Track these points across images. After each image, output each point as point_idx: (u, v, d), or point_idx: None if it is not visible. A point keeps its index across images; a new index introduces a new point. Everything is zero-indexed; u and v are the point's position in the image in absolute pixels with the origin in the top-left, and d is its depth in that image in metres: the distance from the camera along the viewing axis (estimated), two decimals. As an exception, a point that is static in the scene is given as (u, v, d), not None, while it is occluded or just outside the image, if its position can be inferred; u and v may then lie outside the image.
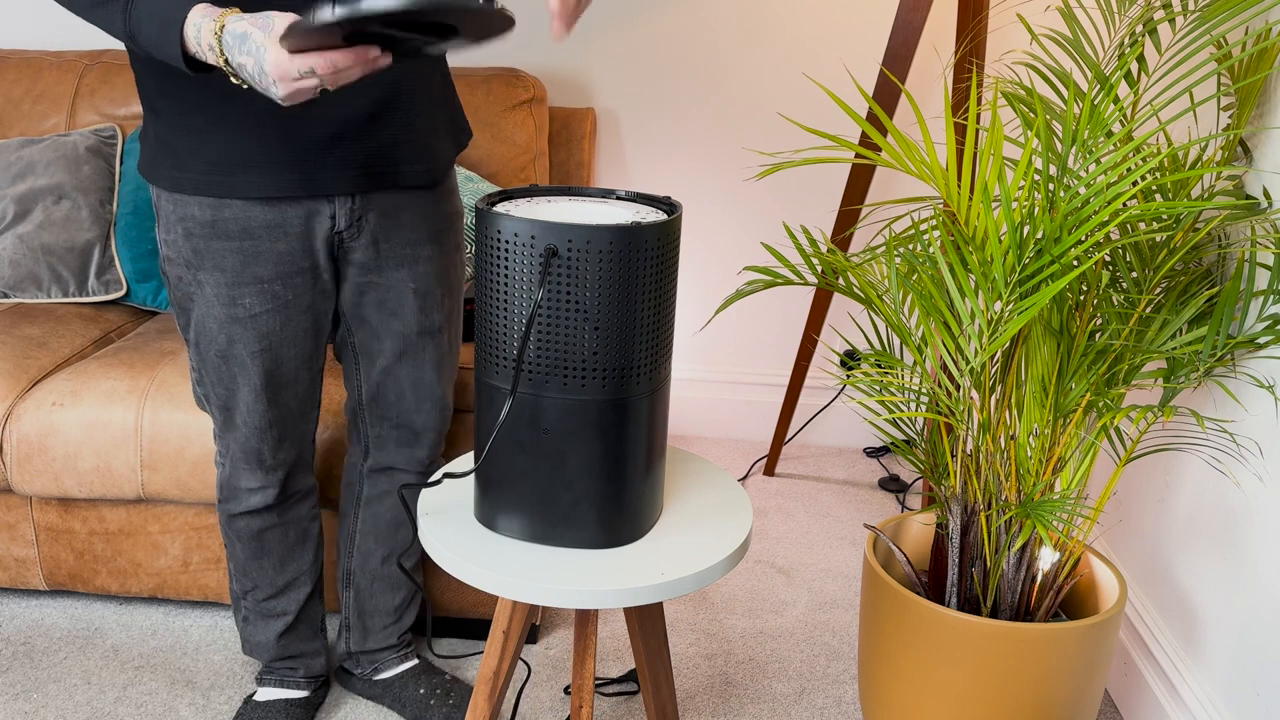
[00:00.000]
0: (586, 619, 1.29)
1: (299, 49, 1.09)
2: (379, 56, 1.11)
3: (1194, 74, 1.56)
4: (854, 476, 2.64)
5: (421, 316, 1.50)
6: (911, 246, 1.43)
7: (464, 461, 1.37)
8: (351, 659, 1.74)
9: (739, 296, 1.45)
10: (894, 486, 2.57)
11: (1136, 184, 1.27)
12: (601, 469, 1.14)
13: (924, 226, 1.76)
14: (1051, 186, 1.30)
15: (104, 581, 1.91)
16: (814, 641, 1.97)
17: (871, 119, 2.28)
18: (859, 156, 2.26)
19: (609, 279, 1.08)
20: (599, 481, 1.15)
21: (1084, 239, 1.25)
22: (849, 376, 1.52)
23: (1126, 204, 1.37)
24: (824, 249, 1.81)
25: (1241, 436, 1.50)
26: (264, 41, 1.11)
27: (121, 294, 2.21)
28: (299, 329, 1.44)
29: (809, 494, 2.54)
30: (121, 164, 2.25)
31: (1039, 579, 1.47)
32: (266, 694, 1.69)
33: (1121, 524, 1.90)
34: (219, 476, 1.56)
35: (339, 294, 1.49)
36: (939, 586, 1.52)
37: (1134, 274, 1.40)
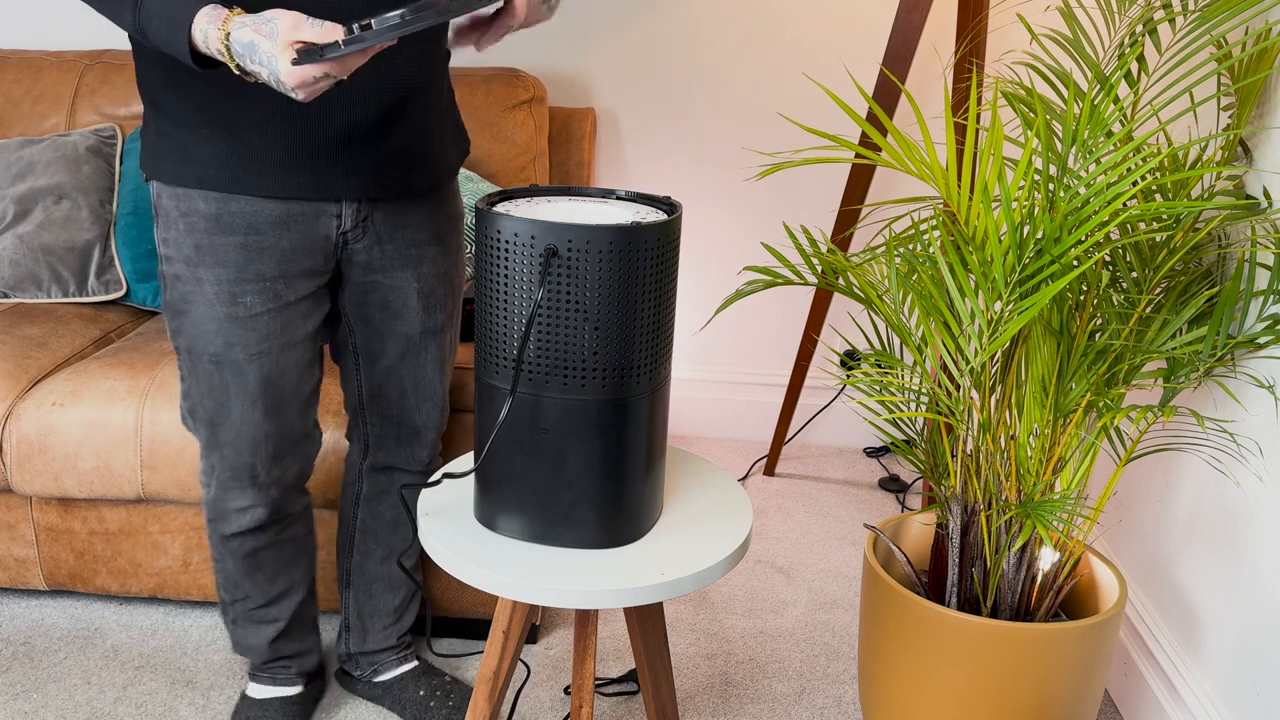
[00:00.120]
0: (586, 619, 1.29)
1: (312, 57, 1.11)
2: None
3: (1194, 74, 1.56)
4: (854, 476, 2.64)
5: (425, 316, 1.50)
6: (911, 246, 1.43)
7: (464, 461, 1.37)
8: (351, 660, 1.74)
9: (739, 296, 1.45)
10: (894, 486, 2.57)
11: (1136, 184, 1.27)
12: (601, 469, 1.14)
13: (924, 226, 1.76)
14: (1051, 186, 1.30)
15: (104, 581, 1.91)
16: (814, 641, 1.97)
17: (871, 119, 2.28)
18: (859, 156, 2.26)
19: (609, 279, 1.08)
20: (599, 481, 1.15)
21: (1084, 239, 1.25)
22: (849, 376, 1.52)
23: (1126, 204, 1.37)
24: (824, 249, 1.81)
25: (1241, 436, 1.50)
26: (273, 51, 1.11)
27: (121, 294, 2.21)
28: (297, 335, 1.42)
29: (809, 494, 2.54)
30: (121, 164, 2.25)
31: (1039, 579, 1.47)
32: (260, 691, 1.68)
33: (1121, 524, 1.90)
34: (206, 497, 1.51)
35: (339, 296, 1.49)
36: (939, 586, 1.52)
37: (1134, 274, 1.40)
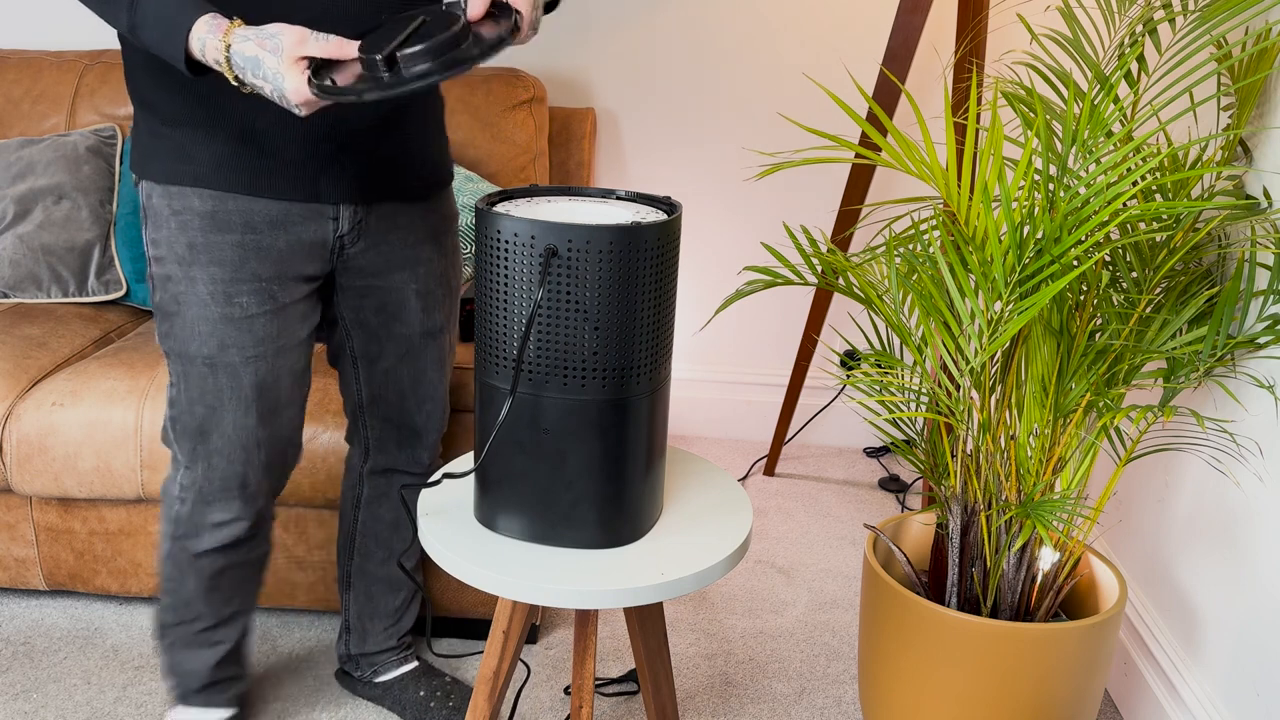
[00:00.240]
0: (586, 619, 1.29)
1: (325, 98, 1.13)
2: None
3: (1194, 74, 1.56)
4: (854, 476, 2.64)
5: (424, 318, 1.50)
6: (911, 246, 1.43)
7: (464, 461, 1.37)
8: (351, 661, 1.74)
9: (739, 296, 1.45)
10: (894, 486, 2.57)
11: (1136, 184, 1.27)
12: (601, 469, 1.14)
13: (924, 226, 1.76)
14: (1051, 186, 1.30)
15: (104, 581, 1.91)
16: (814, 641, 1.97)
17: (871, 119, 2.28)
18: (859, 156, 2.26)
19: (609, 279, 1.08)
20: (599, 481, 1.15)
21: (1084, 239, 1.25)
22: (849, 376, 1.52)
23: (1126, 204, 1.37)
24: (824, 249, 1.81)
25: (1241, 436, 1.50)
26: (279, 67, 1.10)
27: (121, 294, 2.21)
28: (291, 339, 1.40)
29: (809, 494, 2.54)
30: (121, 164, 2.25)
31: (1039, 579, 1.47)
32: (191, 715, 1.59)
33: (1121, 524, 1.90)
34: (175, 513, 1.45)
35: (334, 301, 1.48)
36: (939, 586, 1.52)
37: (1134, 274, 1.40)
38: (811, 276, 2.33)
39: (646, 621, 1.36)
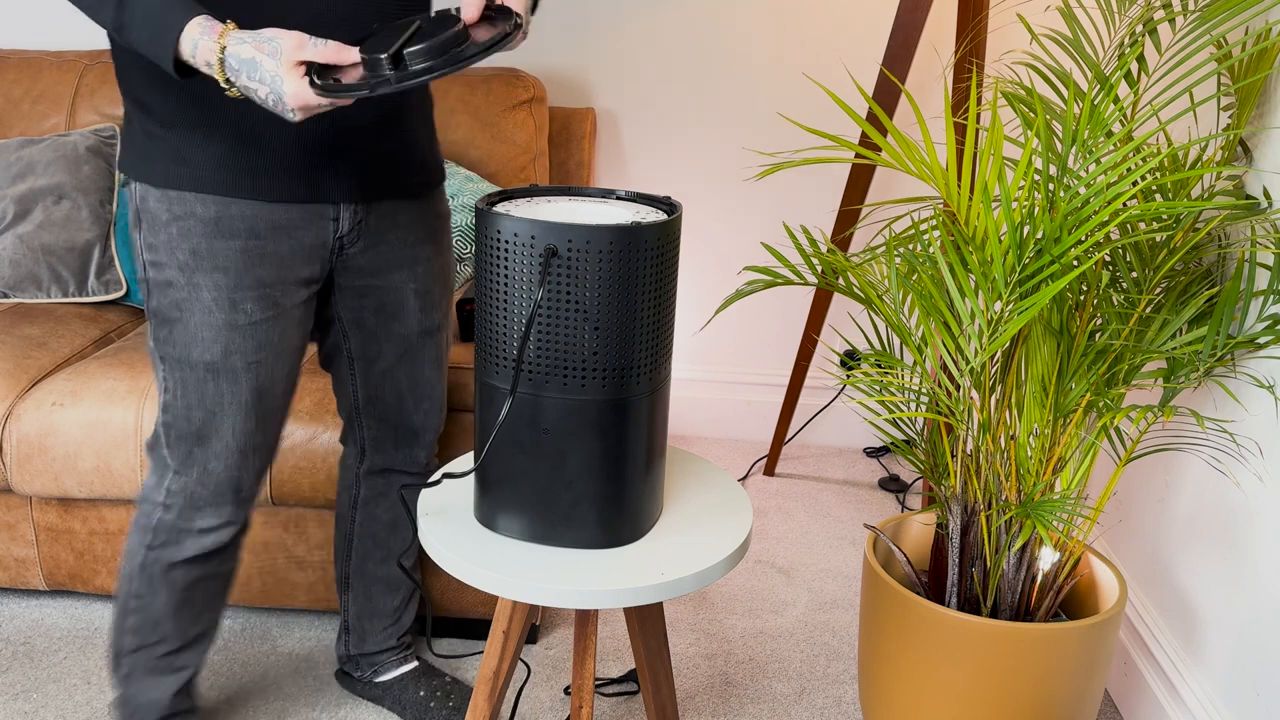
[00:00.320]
0: (586, 619, 1.29)
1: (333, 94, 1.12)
2: None
3: (1194, 74, 1.56)
4: (854, 476, 2.64)
5: (422, 317, 1.50)
6: (911, 246, 1.43)
7: (464, 461, 1.37)
8: (351, 661, 1.74)
9: (739, 296, 1.45)
10: (894, 486, 2.57)
11: (1136, 184, 1.27)
12: (601, 469, 1.14)
13: (924, 226, 1.76)
14: (1051, 186, 1.30)
15: (104, 581, 1.91)
16: (814, 641, 1.97)
17: (871, 119, 2.28)
18: (859, 156, 2.26)
19: (609, 279, 1.08)
20: (599, 481, 1.15)
21: (1084, 239, 1.25)
22: (849, 376, 1.52)
23: (1126, 204, 1.37)
24: (824, 249, 1.81)
25: (1241, 436, 1.50)
26: (278, 70, 1.09)
27: (121, 294, 2.21)
28: (290, 344, 1.39)
29: (809, 494, 2.54)
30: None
31: (1039, 579, 1.47)
32: None
33: (1121, 524, 1.90)
34: (157, 521, 1.41)
35: (331, 302, 1.47)
36: (939, 586, 1.52)
37: (1134, 274, 1.40)
38: (811, 276, 2.33)
39: (646, 621, 1.36)
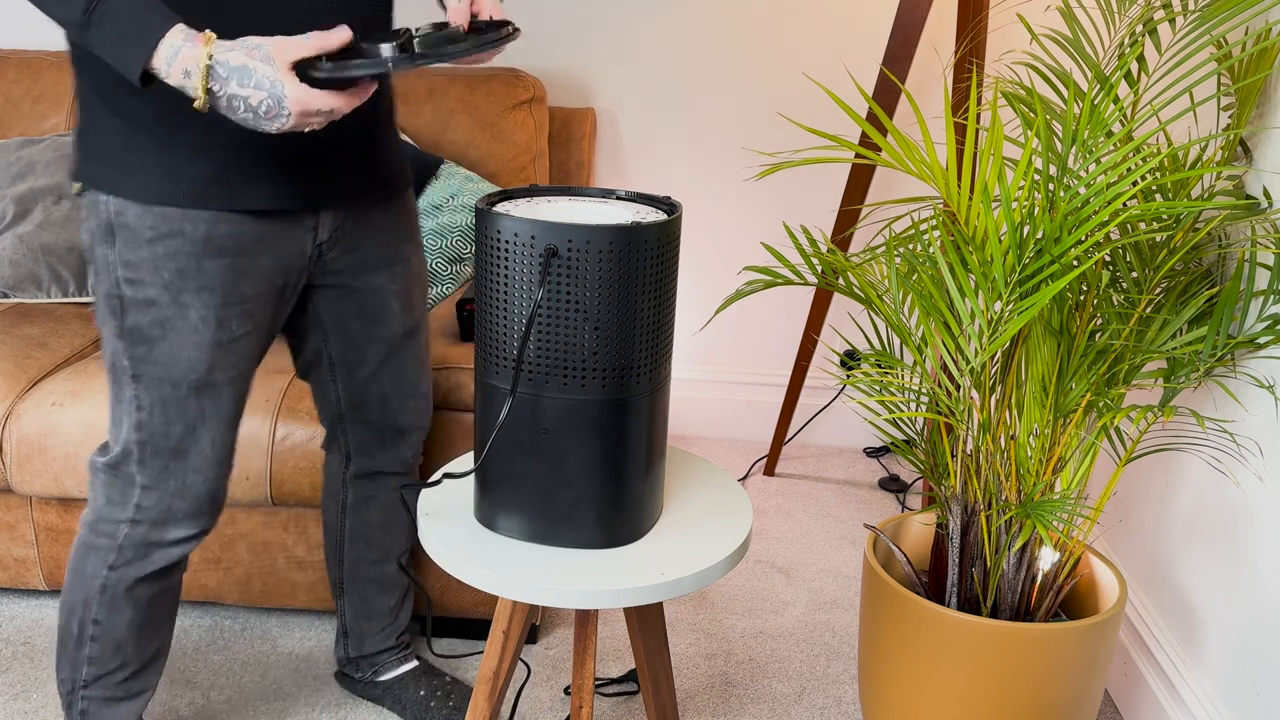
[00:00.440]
0: (586, 619, 1.29)
1: (334, 80, 1.11)
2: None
3: (1194, 74, 1.56)
4: (854, 476, 2.64)
5: (405, 317, 1.49)
6: (911, 246, 1.43)
7: (464, 461, 1.37)
8: (351, 664, 1.74)
9: (739, 296, 1.45)
10: (894, 486, 2.57)
11: (1136, 184, 1.27)
12: (601, 469, 1.15)
13: (924, 226, 1.76)
14: (1051, 186, 1.30)
15: (104, 581, 1.91)
16: (814, 641, 1.97)
17: (871, 119, 2.28)
18: (859, 156, 2.26)
19: (609, 279, 1.08)
20: (599, 481, 1.15)
21: (1084, 239, 1.25)
22: (849, 376, 1.52)
23: (1126, 204, 1.37)
24: (824, 249, 1.81)
25: (1241, 436, 1.50)
26: (276, 75, 1.08)
27: (121, 294, 2.21)
28: (260, 352, 1.38)
29: (809, 494, 2.54)
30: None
31: (1039, 579, 1.47)
32: None
33: (1121, 524, 1.90)
34: (123, 539, 1.36)
35: (309, 310, 1.45)
36: (939, 586, 1.52)
37: (1134, 274, 1.40)
38: (811, 276, 2.33)
39: (646, 621, 1.36)
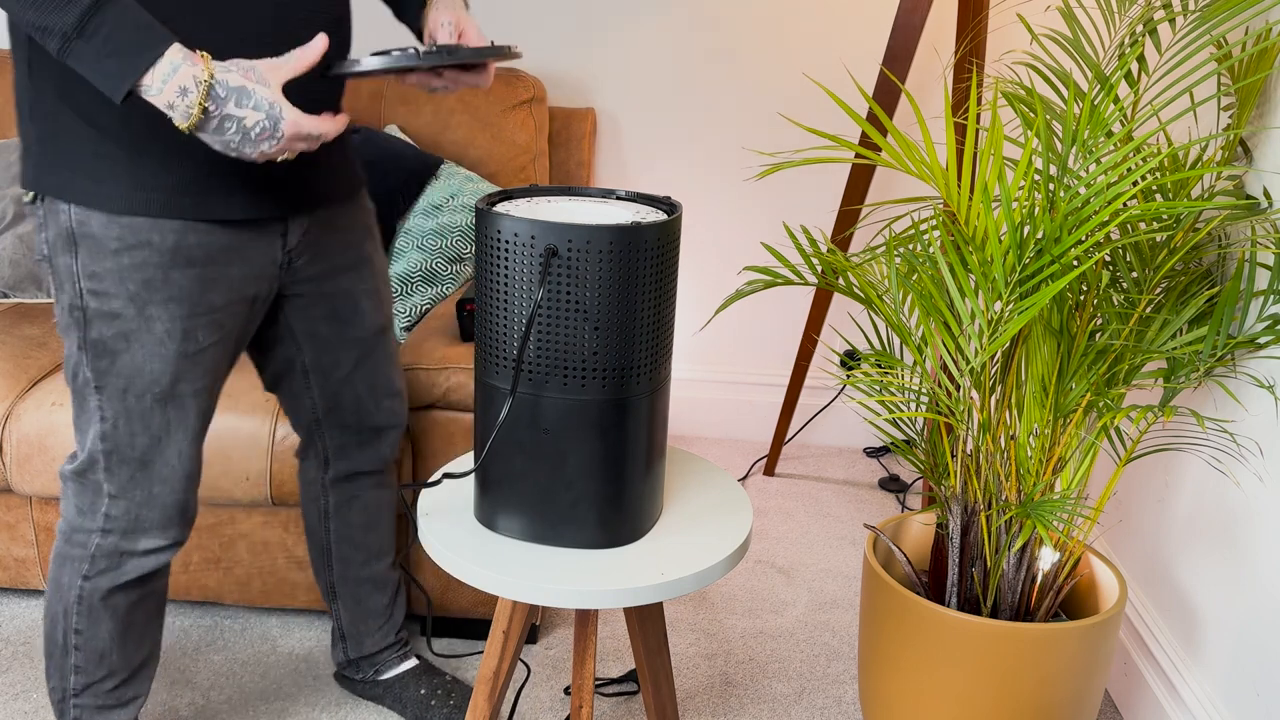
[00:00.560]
0: (586, 619, 1.29)
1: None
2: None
3: (1194, 74, 1.56)
4: (854, 476, 2.64)
5: (375, 316, 1.49)
6: (911, 246, 1.43)
7: (464, 461, 1.37)
8: (351, 665, 1.74)
9: (739, 296, 1.45)
10: (894, 486, 2.57)
11: (1137, 184, 1.27)
12: (601, 469, 1.15)
13: (924, 226, 1.76)
14: (1051, 186, 1.30)
15: (104, 581, 1.91)
16: (814, 641, 1.97)
17: (871, 119, 2.28)
18: (859, 156, 2.26)
19: (609, 279, 1.08)
20: (599, 481, 1.15)
21: (1084, 239, 1.25)
22: (849, 376, 1.52)
23: (1127, 204, 1.37)
24: (824, 249, 1.81)
25: (1241, 436, 1.50)
26: (272, 97, 1.10)
27: (121, 294, 2.21)
28: (228, 363, 1.36)
29: (809, 494, 2.54)
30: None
31: (1039, 579, 1.47)
32: None
33: (1121, 524, 1.90)
34: (95, 548, 1.35)
35: (280, 319, 1.44)
36: (939, 586, 1.52)
37: (1134, 274, 1.40)
38: (811, 276, 2.33)
39: (646, 621, 1.36)
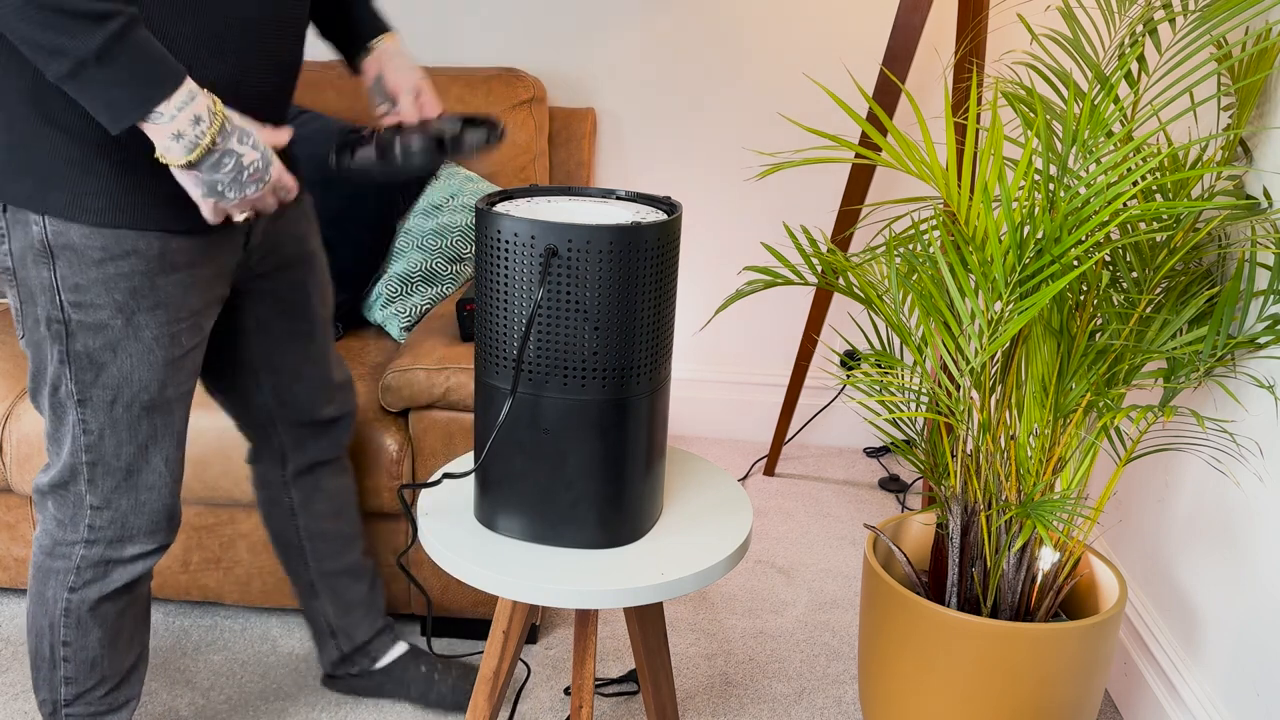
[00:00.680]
0: (586, 619, 1.29)
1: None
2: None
3: (1194, 74, 1.56)
4: (854, 476, 2.64)
5: (321, 308, 1.50)
6: (911, 246, 1.43)
7: (464, 461, 1.37)
8: (345, 661, 1.73)
9: (739, 296, 1.45)
10: (894, 486, 2.57)
11: (1137, 184, 1.27)
12: (601, 469, 1.15)
13: (924, 226, 1.76)
14: (1051, 186, 1.30)
15: (104, 581, 1.91)
16: (814, 641, 1.97)
17: (871, 119, 2.28)
18: (859, 156, 2.26)
19: (609, 279, 1.08)
20: (599, 481, 1.15)
21: (1084, 239, 1.25)
22: (849, 376, 1.52)
23: (1127, 204, 1.37)
24: (824, 249, 1.81)
25: (1241, 436, 1.50)
26: (265, 140, 1.14)
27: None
28: (202, 366, 1.36)
29: (809, 494, 2.54)
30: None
31: (1039, 579, 1.47)
32: None
33: (1121, 524, 1.90)
34: (79, 560, 1.34)
35: (233, 317, 1.44)
36: (939, 586, 1.52)
37: (1134, 274, 1.40)
38: (811, 276, 2.33)
39: (646, 621, 1.36)
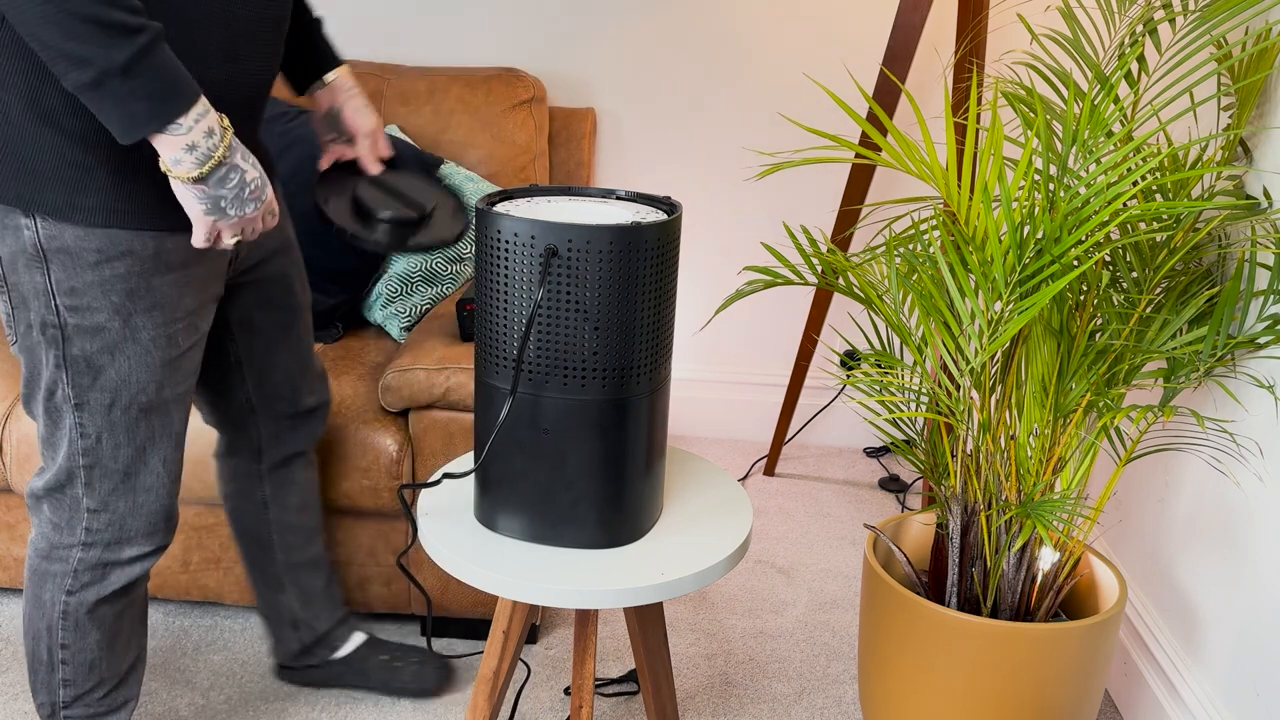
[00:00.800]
0: (586, 619, 1.29)
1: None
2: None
3: (1194, 74, 1.56)
4: (854, 476, 2.64)
5: (301, 297, 1.51)
6: (911, 246, 1.43)
7: (464, 461, 1.37)
8: (305, 652, 1.73)
9: (739, 296, 1.45)
10: (894, 486, 2.57)
11: (1137, 184, 1.27)
12: (601, 469, 1.15)
13: (924, 226, 1.76)
14: (1051, 186, 1.30)
15: (104, 581, 1.91)
16: (814, 641, 1.97)
17: (871, 119, 2.28)
18: (859, 156, 2.26)
19: (609, 279, 1.08)
20: (599, 481, 1.15)
21: (1084, 239, 1.25)
22: (849, 376, 1.52)
23: (1127, 204, 1.37)
24: (824, 249, 1.81)
25: (1241, 436, 1.50)
26: (257, 162, 1.17)
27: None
28: (200, 366, 1.36)
29: (809, 494, 2.54)
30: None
31: (1039, 579, 1.47)
32: None
33: (1121, 524, 1.90)
34: (76, 563, 1.33)
35: (220, 314, 1.43)
36: (939, 586, 1.52)
37: (1134, 274, 1.40)
38: (811, 276, 2.33)
39: (646, 621, 1.36)
